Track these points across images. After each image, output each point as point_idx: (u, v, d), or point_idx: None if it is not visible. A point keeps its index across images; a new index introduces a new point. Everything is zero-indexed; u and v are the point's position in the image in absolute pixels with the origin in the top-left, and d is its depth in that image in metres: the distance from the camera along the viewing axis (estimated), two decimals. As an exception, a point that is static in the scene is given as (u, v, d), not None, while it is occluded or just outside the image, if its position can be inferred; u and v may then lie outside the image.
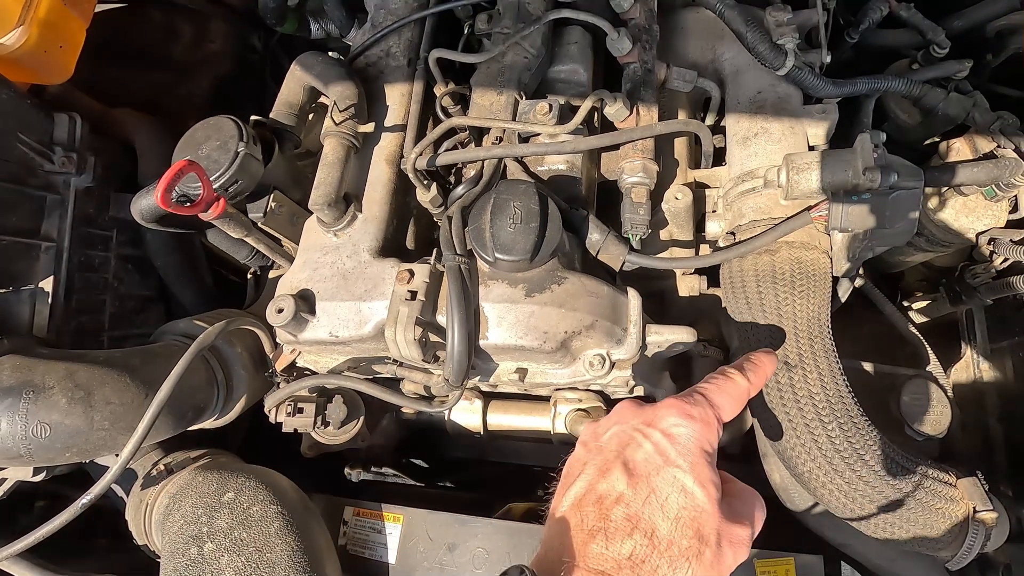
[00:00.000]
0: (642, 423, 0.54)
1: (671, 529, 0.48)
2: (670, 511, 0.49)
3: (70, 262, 1.11)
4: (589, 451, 0.54)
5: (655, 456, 0.51)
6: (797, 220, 0.89)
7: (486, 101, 1.01)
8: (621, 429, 0.54)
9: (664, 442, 0.51)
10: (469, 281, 0.86)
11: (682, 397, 0.55)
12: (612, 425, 0.56)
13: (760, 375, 0.62)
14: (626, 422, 0.55)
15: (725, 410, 0.57)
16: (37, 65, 1.07)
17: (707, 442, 0.52)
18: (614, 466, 0.51)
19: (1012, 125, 1.07)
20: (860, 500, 0.83)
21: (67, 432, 0.87)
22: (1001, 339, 1.19)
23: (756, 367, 0.62)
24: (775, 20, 1.04)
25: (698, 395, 0.56)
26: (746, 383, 0.60)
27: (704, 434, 0.52)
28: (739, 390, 0.59)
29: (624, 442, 0.53)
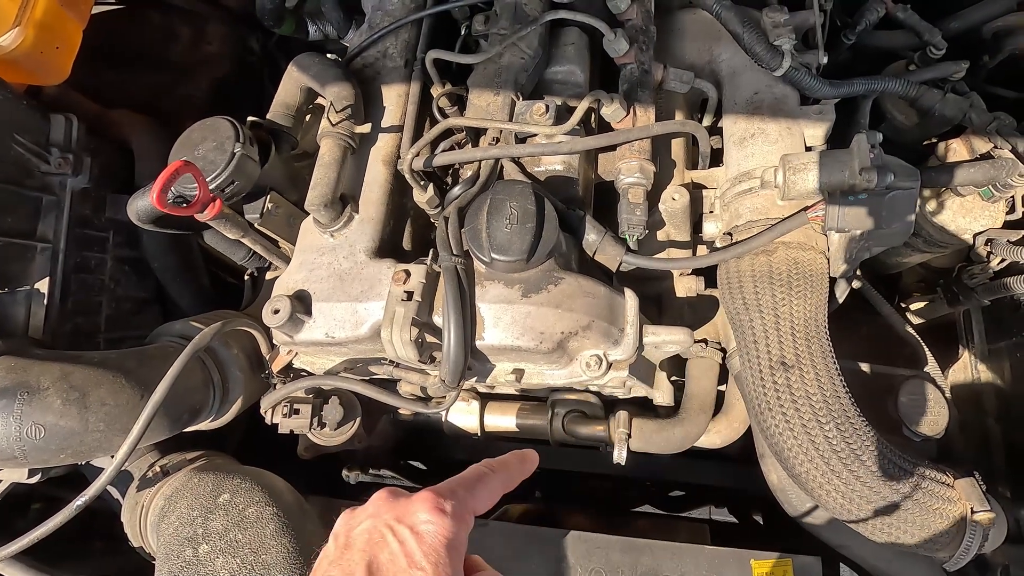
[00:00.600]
0: (394, 518, 0.52)
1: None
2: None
3: (66, 263, 1.11)
4: (338, 547, 0.52)
5: (400, 557, 0.49)
6: (794, 220, 0.89)
7: (483, 102, 1.01)
8: (373, 524, 0.52)
9: (411, 541, 0.50)
10: (465, 282, 0.86)
11: (436, 490, 0.54)
12: (365, 519, 0.53)
13: (519, 471, 0.60)
14: (379, 516, 0.53)
15: (480, 503, 0.56)
16: (33, 66, 1.07)
17: (457, 539, 0.51)
18: (357, 570, 0.49)
19: (1009, 126, 1.07)
20: (857, 501, 0.83)
21: (62, 433, 0.86)
22: (999, 340, 1.19)
23: (517, 463, 0.60)
24: (772, 21, 1.04)
25: (454, 486, 0.55)
26: (506, 476, 0.59)
27: (453, 530, 0.51)
28: (497, 483, 0.58)
29: (374, 540, 0.51)
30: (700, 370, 1.08)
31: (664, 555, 0.89)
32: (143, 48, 1.61)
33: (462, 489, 0.55)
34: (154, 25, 1.63)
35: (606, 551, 0.89)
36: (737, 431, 1.11)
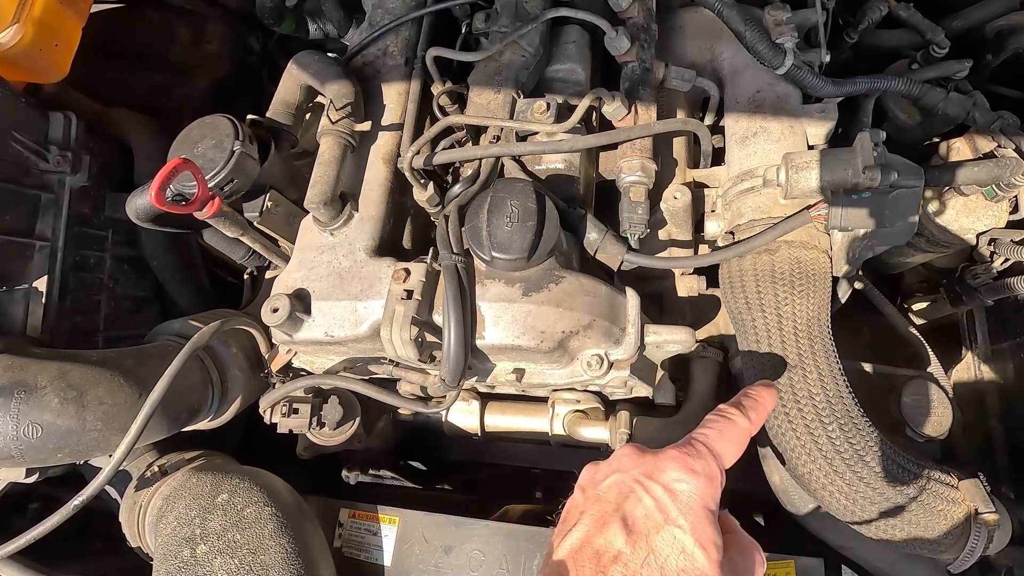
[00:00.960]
0: (643, 475, 0.51)
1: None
2: (669, 574, 0.47)
3: (64, 262, 1.11)
4: (587, 499, 0.52)
5: (656, 513, 0.49)
6: (796, 219, 0.89)
7: (483, 100, 1.01)
8: (621, 479, 0.52)
9: (665, 498, 0.49)
10: (466, 280, 0.85)
11: (684, 448, 0.53)
12: (612, 472, 0.53)
13: (761, 412, 0.59)
14: (626, 471, 0.52)
15: (728, 458, 0.54)
16: (32, 64, 1.06)
17: (710, 498, 0.50)
18: (612, 520, 0.49)
19: (1012, 125, 1.07)
20: (861, 502, 0.82)
21: (59, 432, 0.86)
22: (1002, 340, 1.18)
23: (756, 404, 0.59)
24: (774, 19, 1.03)
25: (700, 445, 0.54)
26: (747, 424, 0.57)
27: (707, 490, 0.50)
28: (741, 433, 0.57)
29: (623, 494, 0.51)
30: (702, 370, 1.07)
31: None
32: (143, 47, 1.60)
33: (709, 446, 0.53)
34: (154, 24, 1.63)
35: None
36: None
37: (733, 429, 0.56)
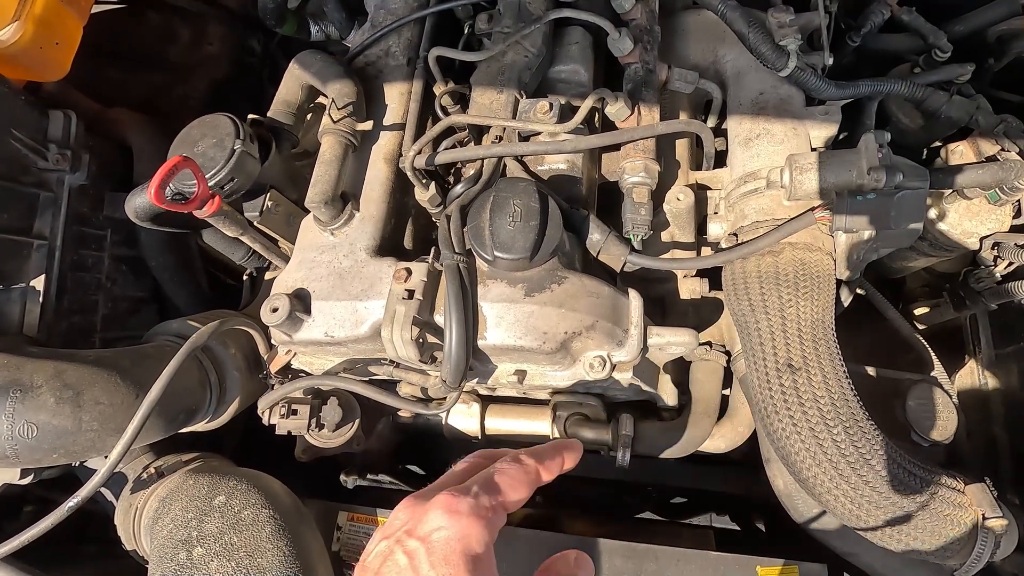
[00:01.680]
0: (405, 531, 0.47)
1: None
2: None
3: (62, 261, 1.10)
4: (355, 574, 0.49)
5: (407, 572, 0.45)
6: (800, 221, 0.88)
7: (486, 100, 1.01)
8: (386, 544, 0.48)
9: (420, 552, 0.45)
10: (468, 280, 0.84)
11: (452, 490, 0.49)
12: (380, 539, 0.49)
13: (556, 465, 0.55)
14: (392, 532, 0.48)
15: (510, 497, 0.50)
16: (32, 62, 1.06)
17: (476, 540, 0.46)
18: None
19: (1016, 128, 1.07)
20: (866, 506, 0.81)
21: (54, 432, 0.85)
22: (1006, 345, 1.18)
23: (554, 455, 0.55)
24: (777, 21, 1.03)
25: (472, 484, 0.49)
26: (535, 469, 0.53)
27: (472, 531, 0.46)
28: (527, 476, 0.52)
29: (383, 558, 0.47)
30: (705, 373, 1.06)
31: (668, 561, 0.88)
32: (144, 47, 1.60)
33: (480, 483, 0.50)
34: (155, 25, 1.63)
35: (609, 557, 0.87)
36: (742, 435, 1.09)
37: (519, 471, 0.52)
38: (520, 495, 0.51)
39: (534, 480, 0.53)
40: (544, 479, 0.54)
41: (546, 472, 0.54)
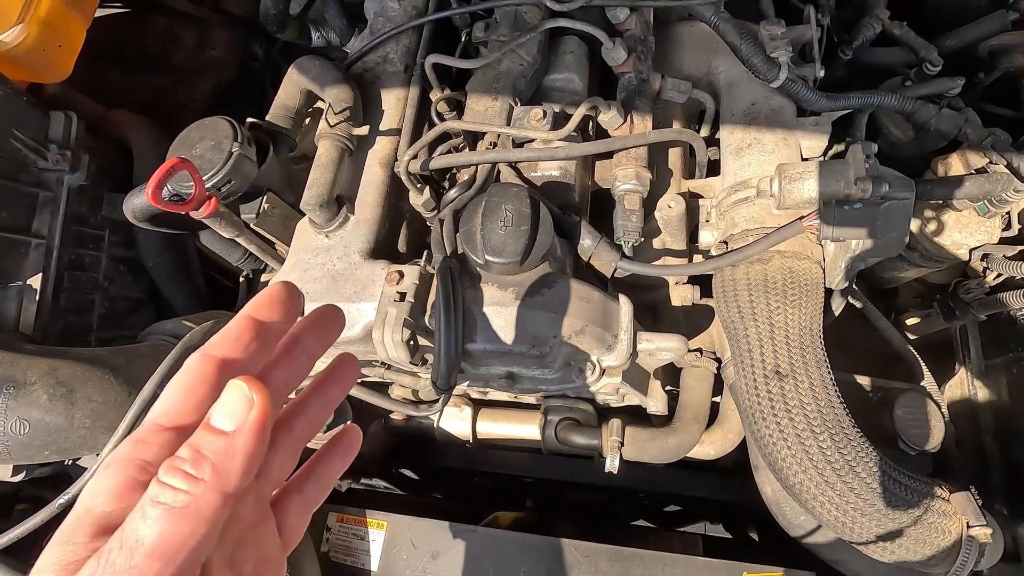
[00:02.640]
0: None
1: None
2: None
3: (60, 260, 1.11)
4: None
5: None
6: (789, 229, 0.89)
7: (481, 106, 1.02)
8: None
9: None
10: (459, 283, 0.85)
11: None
12: None
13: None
14: None
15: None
16: (35, 63, 1.07)
17: None
18: None
19: (1004, 141, 1.08)
20: (852, 513, 0.81)
21: (47, 429, 0.85)
22: (995, 356, 1.18)
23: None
24: (769, 34, 1.05)
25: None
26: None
27: None
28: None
29: None
30: (695, 379, 1.07)
31: (655, 565, 0.88)
32: (148, 51, 1.63)
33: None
34: (160, 29, 1.65)
35: (595, 560, 0.88)
36: (732, 442, 1.10)
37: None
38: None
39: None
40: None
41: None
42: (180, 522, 0.31)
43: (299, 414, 0.44)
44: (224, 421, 0.33)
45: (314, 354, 0.42)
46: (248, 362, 0.37)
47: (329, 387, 0.46)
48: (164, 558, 0.30)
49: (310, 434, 0.44)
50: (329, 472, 0.47)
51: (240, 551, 0.38)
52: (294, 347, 0.41)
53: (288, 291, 0.41)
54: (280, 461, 0.42)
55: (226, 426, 0.33)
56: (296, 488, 0.45)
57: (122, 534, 0.31)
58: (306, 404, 0.44)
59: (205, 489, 0.32)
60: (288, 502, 0.44)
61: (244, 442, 0.33)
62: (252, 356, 0.37)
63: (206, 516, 0.32)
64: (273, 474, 0.42)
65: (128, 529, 0.31)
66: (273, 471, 0.42)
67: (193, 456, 0.33)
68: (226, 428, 0.33)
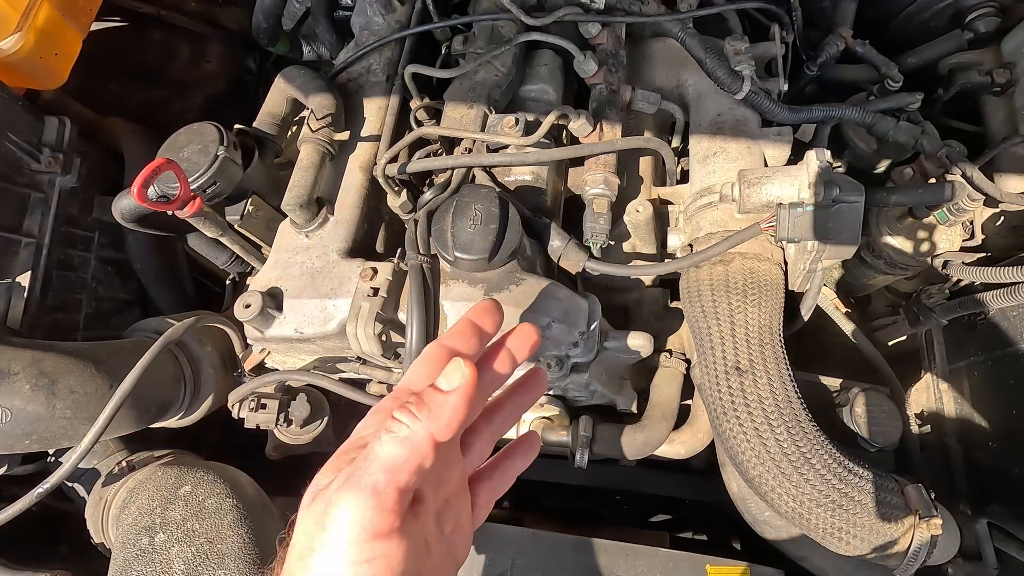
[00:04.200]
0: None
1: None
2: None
3: (49, 259, 1.14)
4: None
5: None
6: (748, 231, 0.93)
7: (457, 114, 1.07)
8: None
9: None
10: (431, 280, 0.89)
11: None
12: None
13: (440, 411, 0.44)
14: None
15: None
16: (31, 70, 1.12)
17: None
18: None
19: (959, 153, 1.12)
20: (808, 504, 0.84)
21: (28, 418, 0.88)
22: (958, 360, 1.22)
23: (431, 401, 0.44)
24: (733, 49, 1.10)
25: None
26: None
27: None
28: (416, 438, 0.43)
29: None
30: (664, 379, 1.10)
31: (618, 556, 0.90)
32: (144, 63, 1.68)
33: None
34: (157, 42, 1.70)
35: (559, 550, 0.90)
36: (701, 442, 1.12)
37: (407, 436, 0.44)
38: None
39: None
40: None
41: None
42: (400, 447, 0.42)
43: (498, 411, 0.55)
44: (444, 383, 0.44)
45: (514, 362, 0.52)
46: (468, 353, 0.49)
47: (521, 392, 0.56)
48: (389, 471, 0.41)
49: (504, 429, 0.55)
50: (512, 467, 0.57)
51: (445, 511, 0.48)
52: (500, 351, 0.52)
53: (497, 306, 0.54)
54: (480, 446, 0.53)
55: (444, 386, 0.44)
56: (487, 475, 0.55)
57: (365, 452, 0.43)
58: (503, 404, 0.55)
59: (421, 427, 0.42)
60: (481, 485, 0.54)
61: (454, 399, 0.43)
62: (471, 349, 0.50)
63: (418, 449, 0.42)
64: (475, 455, 0.53)
65: (369, 448, 0.43)
66: (475, 452, 0.53)
67: (416, 401, 0.44)
68: (444, 387, 0.44)
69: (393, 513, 0.41)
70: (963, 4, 1.30)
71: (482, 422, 0.54)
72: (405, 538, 0.42)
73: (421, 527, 0.45)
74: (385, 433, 0.43)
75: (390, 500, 0.41)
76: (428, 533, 0.46)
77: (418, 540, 0.44)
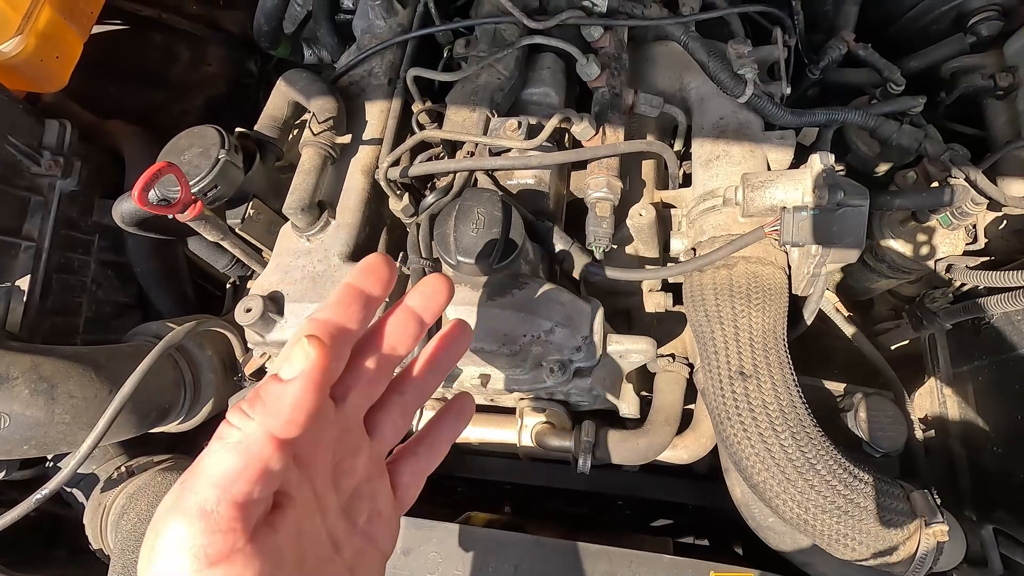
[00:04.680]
0: None
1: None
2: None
3: (48, 263, 1.14)
4: None
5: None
6: (752, 235, 0.93)
7: (459, 117, 1.06)
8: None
9: None
10: (432, 284, 0.88)
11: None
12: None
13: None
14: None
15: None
16: (32, 73, 1.12)
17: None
18: None
19: (962, 156, 1.12)
20: (812, 510, 0.83)
21: (27, 423, 0.87)
22: (962, 364, 1.21)
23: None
24: (736, 52, 1.10)
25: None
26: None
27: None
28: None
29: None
30: (667, 383, 1.09)
31: (621, 562, 0.89)
32: (144, 66, 1.68)
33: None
34: (157, 45, 1.71)
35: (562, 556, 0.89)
36: (704, 447, 1.11)
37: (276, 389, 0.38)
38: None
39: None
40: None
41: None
42: (231, 454, 0.36)
43: (409, 379, 0.47)
44: (285, 371, 0.37)
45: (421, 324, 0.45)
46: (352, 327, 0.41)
47: (440, 353, 0.48)
48: (220, 486, 0.35)
49: (421, 399, 0.48)
50: (441, 438, 0.50)
51: (355, 502, 0.42)
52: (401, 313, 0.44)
53: (385, 260, 0.44)
54: (392, 421, 0.46)
55: (284, 374, 0.37)
56: (411, 451, 0.49)
57: (194, 465, 0.37)
58: (419, 370, 0.48)
59: (255, 427, 0.36)
60: (403, 463, 0.48)
61: (295, 388, 0.36)
62: (355, 321, 0.41)
63: (255, 453, 0.36)
64: (386, 433, 0.46)
65: (198, 460, 0.37)
66: (386, 430, 0.46)
67: (251, 397, 0.37)
68: (284, 376, 0.37)
69: (231, 532, 0.35)
70: (966, 7, 1.30)
71: (391, 394, 0.47)
72: (256, 556, 0.35)
73: (285, 537, 0.38)
74: (215, 442, 0.36)
75: (224, 519, 0.35)
76: (306, 539, 0.40)
77: (278, 553, 0.37)
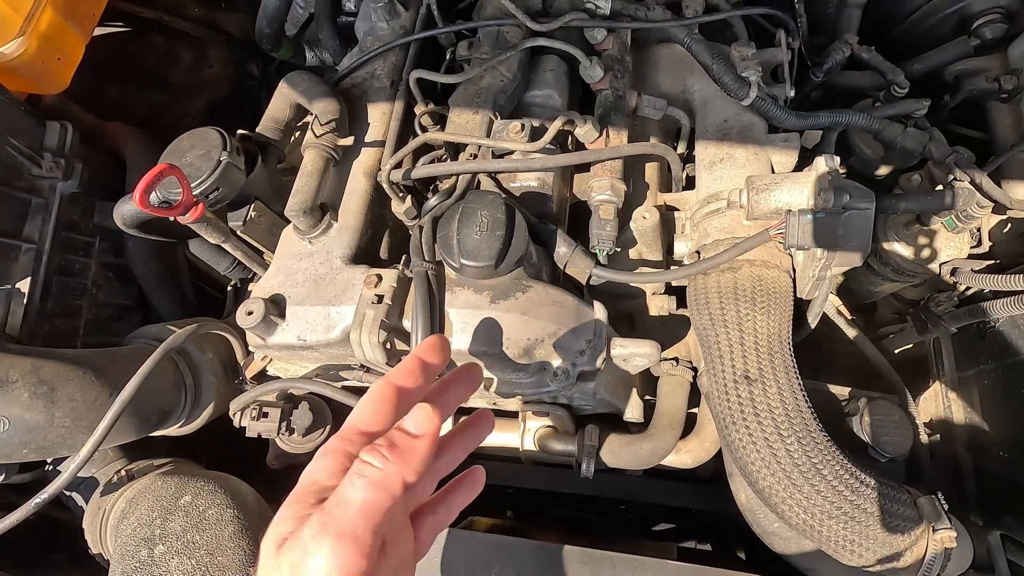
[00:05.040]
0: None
1: None
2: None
3: (49, 265, 1.13)
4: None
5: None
6: (757, 238, 0.92)
7: (462, 120, 1.06)
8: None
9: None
10: (436, 287, 0.88)
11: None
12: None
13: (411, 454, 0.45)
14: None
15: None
16: (34, 75, 1.11)
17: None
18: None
19: (967, 159, 1.12)
20: (819, 515, 0.82)
21: (26, 427, 0.86)
22: (967, 368, 1.20)
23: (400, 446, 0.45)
24: (740, 55, 1.10)
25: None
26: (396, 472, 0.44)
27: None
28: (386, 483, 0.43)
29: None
30: (670, 387, 1.09)
31: (625, 568, 0.88)
32: (146, 68, 1.67)
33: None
34: (158, 47, 1.70)
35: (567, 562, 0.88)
36: (708, 451, 1.11)
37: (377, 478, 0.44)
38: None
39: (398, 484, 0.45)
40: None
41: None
42: (375, 490, 0.42)
43: (441, 452, 0.55)
44: (414, 427, 0.46)
45: (459, 398, 0.56)
46: (415, 392, 0.51)
47: (463, 436, 0.58)
48: (366, 516, 0.42)
49: (446, 471, 0.57)
50: (456, 502, 0.59)
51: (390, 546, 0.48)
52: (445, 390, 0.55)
53: (443, 341, 0.55)
54: (423, 485, 0.54)
55: (414, 431, 0.46)
56: (431, 510, 0.57)
57: (337, 496, 0.43)
58: (447, 446, 0.56)
59: (393, 470, 0.43)
60: (424, 520, 0.56)
61: (423, 444, 0.45)
62: (419, 387, 0.51)
63: (391, 491, 0.43)
64: (418, 493, 0.54)
65: (342, 493, 0.43)
66: (419, 491, 0.54)
67: (388, 444, 0.44)
68: (412, 431, 0.45)
69: (370, 557, 0.42)
70: (969, 10, 1.30)
71: None
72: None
73: (386, 567, 0.45)
74: (357, 477, 0.43)
75: (368, 545, 0.41)
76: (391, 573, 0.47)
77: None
